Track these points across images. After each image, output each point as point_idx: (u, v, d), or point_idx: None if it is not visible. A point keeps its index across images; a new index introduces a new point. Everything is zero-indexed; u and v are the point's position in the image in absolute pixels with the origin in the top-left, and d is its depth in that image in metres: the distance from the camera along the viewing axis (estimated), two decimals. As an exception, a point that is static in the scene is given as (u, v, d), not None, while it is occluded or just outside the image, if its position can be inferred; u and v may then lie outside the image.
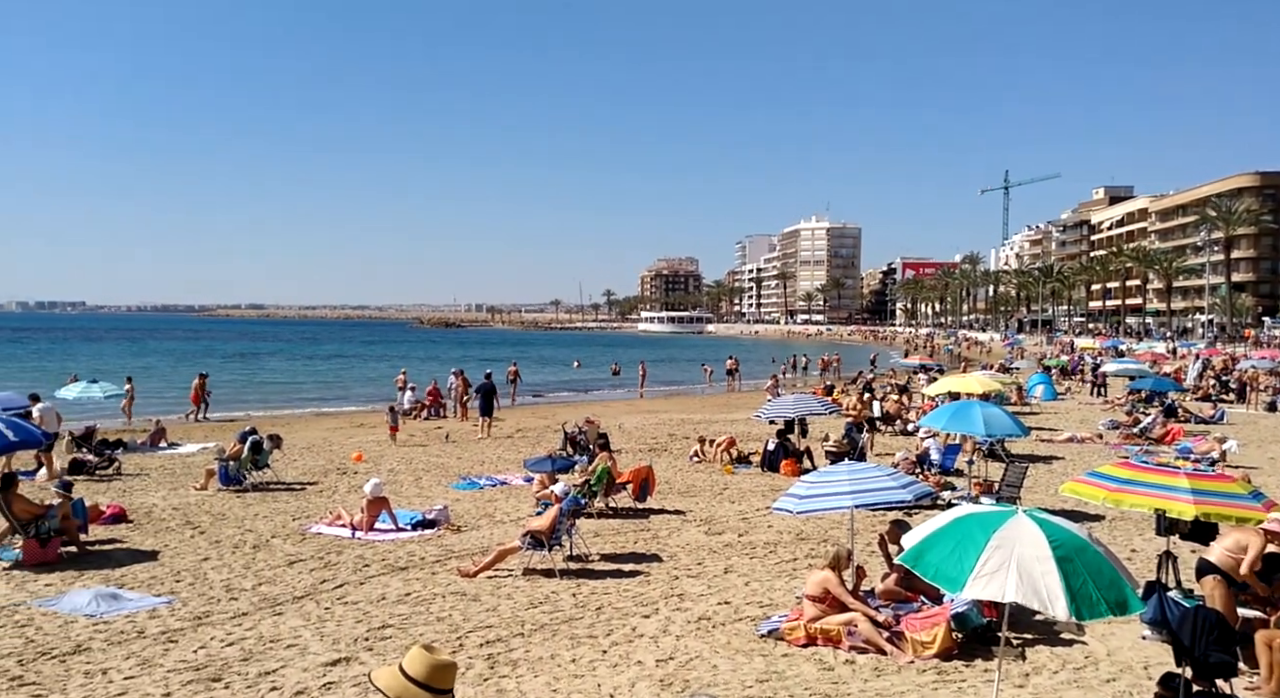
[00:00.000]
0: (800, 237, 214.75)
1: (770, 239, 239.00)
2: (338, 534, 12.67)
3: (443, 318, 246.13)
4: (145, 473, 18.49)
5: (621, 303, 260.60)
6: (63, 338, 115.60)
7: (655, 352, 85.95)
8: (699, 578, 10.57)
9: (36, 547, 11.10)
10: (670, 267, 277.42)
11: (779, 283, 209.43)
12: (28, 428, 12.67)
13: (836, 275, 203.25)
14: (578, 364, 64.59)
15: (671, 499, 15.65)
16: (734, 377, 48.96)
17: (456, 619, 8.95)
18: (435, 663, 3.98)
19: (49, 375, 43.81)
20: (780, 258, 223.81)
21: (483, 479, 17.57)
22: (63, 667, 7.55)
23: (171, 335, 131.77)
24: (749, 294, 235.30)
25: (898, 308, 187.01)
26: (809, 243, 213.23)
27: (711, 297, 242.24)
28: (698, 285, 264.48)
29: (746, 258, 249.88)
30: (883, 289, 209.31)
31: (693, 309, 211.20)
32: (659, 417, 30.80)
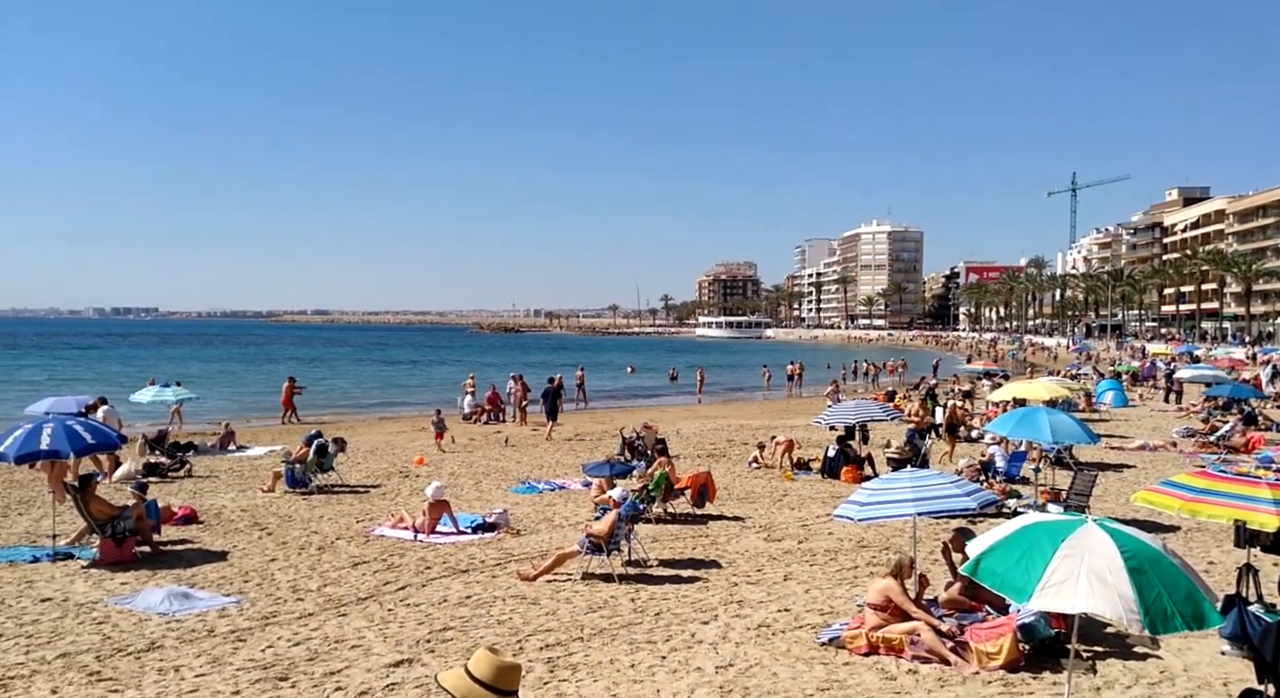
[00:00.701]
0: (861, 240, 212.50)
1: (830, 243, 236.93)
2: (400, 537, 12.85)
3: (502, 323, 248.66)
4: (215, 475, 18.97)
5: (679, 308, 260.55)
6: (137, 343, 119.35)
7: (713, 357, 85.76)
8: (758, 585, 10.49)
9: (112, 546, 11.44)
10: (728, 271, 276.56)
11: (839, 287, 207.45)
12: (104, 430, 13.07)
13: (898, 280, 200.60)
14: (631, 370, 64.72)
15: (730, 505, 15.57)
16: (794, 382, 48.58)
17: (517, 622, 9.00)
18: (500, 665, 4.00)
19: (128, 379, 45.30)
20: (840, 262, 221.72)
21: (541, 484, 17.69)
22: (137, 663, 7.76)
23: (240, 341, 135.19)
24: (808, 299, 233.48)
25: (961, 313, 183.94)
26: (870, 247, 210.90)
27: (770, 301, 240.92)
28: (756, 290, 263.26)
29: (806, 262, 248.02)
30: (945, 293, 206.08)
31: (751, 314, 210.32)
32: (717, 422, 30.69)
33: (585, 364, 50.52)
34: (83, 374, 56.66)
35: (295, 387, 31.72)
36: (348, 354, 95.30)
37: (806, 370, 51.56)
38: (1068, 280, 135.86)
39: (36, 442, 11.75)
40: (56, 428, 12.02)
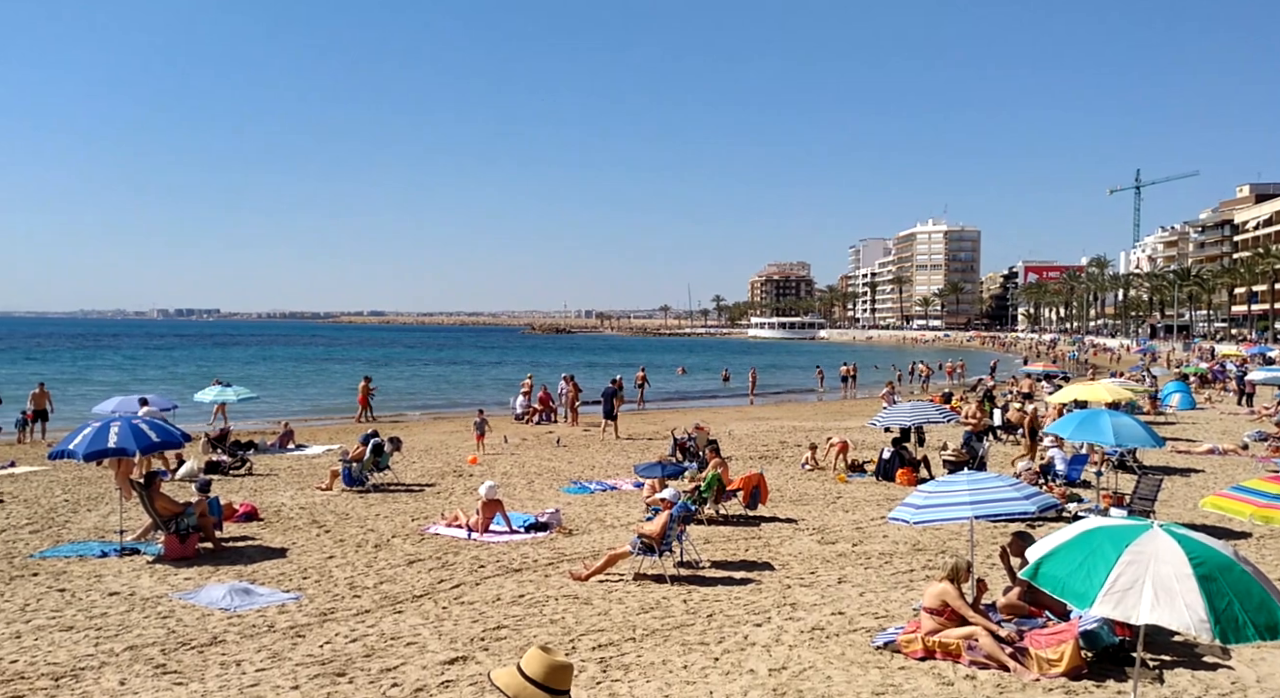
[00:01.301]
0: (916, 240, 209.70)
1: (885, 243, 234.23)
2: (454, 535, 12.98)
3: (553, 324, 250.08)
4: (275, 473, 19.35)
5: (731, 308, 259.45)
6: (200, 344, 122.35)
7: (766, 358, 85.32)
8: (812, 587, 10.39)
9: (176, 542, 11.73)
10: (781, 271, 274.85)
11: (894, 288, 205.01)
12: (169, 429, 13.40)
13: (954, 280, 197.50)
14: (682, 371, 64.61)
15: (783, 507, 15.46)
16: (849, 383, 48.11)
17: (569, 622, 9.03)
18: (553, 664, 4.02)
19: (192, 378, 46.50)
20: (895, 262, 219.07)
21: (593, 484, 17.74)
22: (200, 657, 7.94)
23: (299, 341, 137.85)
24: (863, 299, 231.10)
25: (1019, 313, 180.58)
26: (925, 246, 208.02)
27: (824, 302, 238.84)
28: (809, 290, 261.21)
29: (860, 262, 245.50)
30: (1003, 294, 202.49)
31: (804, 314, 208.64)
32: (770, 424, 30.50)
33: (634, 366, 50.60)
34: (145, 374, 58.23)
35: (370, 387, 32.36)
36: (403, 355, 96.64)
37: (860, 372, 51.01)
38: (1131, 280, 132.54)
39: (104, 440, 12.10)
40: (123, 426, 12.36)
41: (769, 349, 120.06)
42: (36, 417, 25.52)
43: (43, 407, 25.71)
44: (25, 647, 8.15)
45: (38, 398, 25.81)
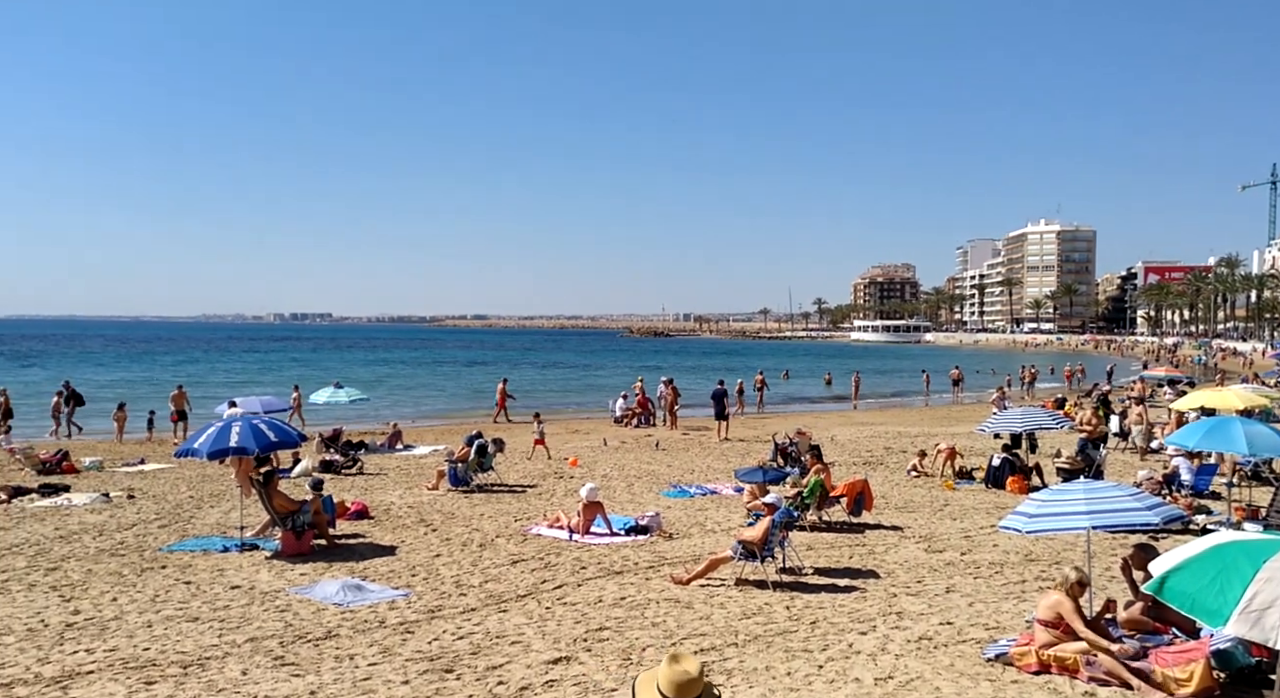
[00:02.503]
0: (1027, 241, 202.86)
1: (994, 244, 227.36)
2: (556, 536, 13.14)
3: (651, 327, 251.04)
4: (384, 472, 19.95)
5: (833, 311, 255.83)
6: (315, 347, 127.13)
7: (869, 362, 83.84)
8: (919, 596, 10.13)
9: (293, 539, 12.20)
10: (885, 273, 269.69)
11: (1003, 290, 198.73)
12: (286, 429, 13.94)
13: (1068, 281, 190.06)
14: (785, 375, 63.92)
15: (888, 514, 15.13)
16: (958, 388, 46.88)
17: (671, 626, 9.02)
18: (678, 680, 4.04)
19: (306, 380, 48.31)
20: (1005, 263, 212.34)
21: (693, 488, 17.70)
22: (316, 650, 8.22)
23: (409, 344, 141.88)
24: (970, 302, 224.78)
25: (1138, 316, 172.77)
26: (1037, 247, 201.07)
27: (929, 304, 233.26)
28: (914, 293, 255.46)
29: (968, 264, 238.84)
30: (1121, 295, 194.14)
31: (909, 317, 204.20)
32: (874, 429, 29.94)
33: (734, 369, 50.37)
34: (261, 377, 60.77)
35: (507, 390, 33.21)
36: (507, 358, 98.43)
37: (966, 376, 49.66)
38: (1266, 281, 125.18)
39: (226, 439, 12.66)
40: (244, 426, 12.91)
41: (872, 353, 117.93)
42: (180, 417, 26.96)
43: (181, 407, 27.14)
44: (156, 636, 8.58)
45: (177, 399, 27.22)
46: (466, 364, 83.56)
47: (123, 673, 7.57)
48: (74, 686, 7.29)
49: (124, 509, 15.29)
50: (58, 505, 15.53)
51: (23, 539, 12.80)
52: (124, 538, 12.99)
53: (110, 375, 59.05)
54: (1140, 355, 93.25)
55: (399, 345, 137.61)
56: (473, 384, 58.36)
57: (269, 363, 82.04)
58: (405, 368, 76.68)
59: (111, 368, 69.25)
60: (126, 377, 58.04)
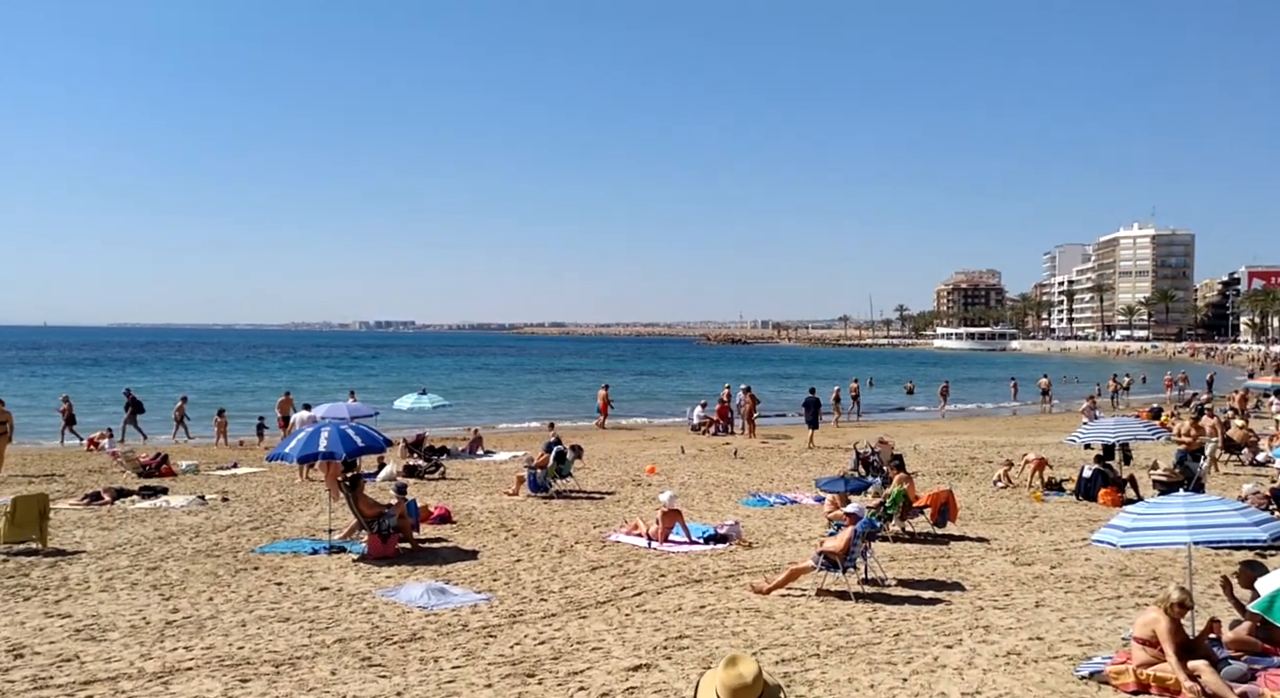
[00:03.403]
0: (1120, 245, 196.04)
1: (1084, 249, 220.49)
2: (635, 543, 13.15)
3: (729, 334, 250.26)
4: (465, 478, 20.27)
5: (915, 318, 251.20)
6: (399, 354, 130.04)
7: (953, 370, 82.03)
8: (1006, 610, 9.85)
9: (378, 542, 12.47)
10: (969, 280, 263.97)
11: (1094, 296, 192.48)
12: (372, 435, 14.27)
13: (1163, 287, 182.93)
14: (870, 383, 63.00)
15: (974, 526, 14.77)
16: (1046, 397, 45.56)
17: (751, 635, 8.95)
18: (733, 685, 4.02)
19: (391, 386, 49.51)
20: (1096, 269, 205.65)
21: (772, 497, 17.55)
22: (401, 652, 8.39)
23: (487, 352, 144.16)
24: (1058, 308, 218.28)
25: (1242, 323, 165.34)
26: (1130, 252, 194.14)
27: (1015, 311, 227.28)
28: (1000, 299, 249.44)
29: (1056, 269, 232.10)
30: (1222, 301, 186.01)
31: (994, 325, 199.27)
32: (958, 438, 29.29)
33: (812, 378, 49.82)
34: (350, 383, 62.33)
35: (610, 395, 34.20)
36: (584, 365, 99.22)
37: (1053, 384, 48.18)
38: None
39: (315, 444, 13.03)
40: (332, 432, 13.26)
41: (956, 361, 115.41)
42: (286, 422, 27.88)
43: (287, 413, 28.05)
44: (249, 635, 8.87)
45: (283, 406, 28.15)
46: (547, 372, 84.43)
47: (219, 670, 7.84)
48: (174, 681, 7.57)
49: (219, 512, 15.85)
50: (157, 507, 16.18)
51: (125, 539, 13.37)
52: (219, 539, 13.46)
53: (210, 382, 61.30)
54: (1244, 364, 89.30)
55: (481, 353, 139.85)
56: (554, 392, 58.95)
57: (356, 369, 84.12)
58: (486, 375, 77.86)
59: (210, 374, 71.94)
60: (224, 383, 60.20)
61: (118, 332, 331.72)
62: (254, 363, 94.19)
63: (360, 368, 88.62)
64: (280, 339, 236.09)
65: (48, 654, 8.21)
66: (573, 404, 48.98)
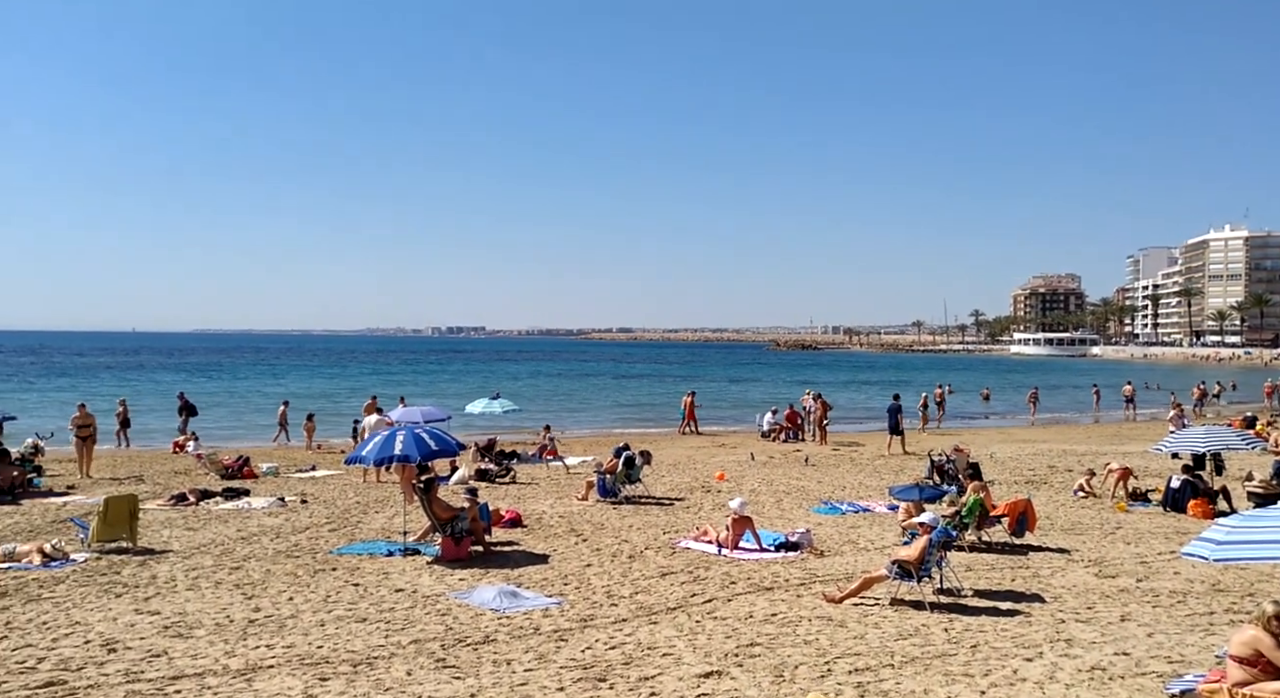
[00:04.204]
0: (1209, 248, 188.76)
1: (1170, 252, 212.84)
2: (704, 550, 13.10)
3: (799, 340, 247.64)
4: (535, 482, 20.44)
5: (991, 324, 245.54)
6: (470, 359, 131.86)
7: (1032, 376, 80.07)
8: (1089, 624, 9.55)
9: (451, 544, 12.65)
10: (1047, 284, 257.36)
11: (1180, 301, 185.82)
12: (446, 438, 14.49)
13: (1258, 291, 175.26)
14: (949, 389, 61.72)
15: (1053, 536, 14.36)
16: (1130, 404, 44.12)
17: (824, 644, 8.83)
18: None
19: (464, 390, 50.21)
20: (1183, 272, 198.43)
21: (844, 504, 17.32)
22: (475, 654, 8.48)
23: (557, 357, 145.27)
24: (1142, 313, 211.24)
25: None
26: (1220, 255, 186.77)
27: (1096, 316, 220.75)
28: (1079, 304, 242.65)
29: (1140, 273, 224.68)
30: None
31: (1073, 330, 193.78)
32: (1036, 446, 28.55)
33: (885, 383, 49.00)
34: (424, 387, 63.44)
35: (695, 401, 34.20)
36: (652, 371, 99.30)
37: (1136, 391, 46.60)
38: None
39: (391, 448, 13.28)
40: (407, 436, 13.50)
41: (1034, 367, 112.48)
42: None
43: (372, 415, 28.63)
44: (328, 635, 9.06)
45: (369, 408, 28.75)
46: (616, 377, 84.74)
47: (299, 669, 8.03)
48: (257, 678, 7.78)
49: (298, 513, 16.25)
50: (239, 508, 16.67)
51: (209, 539, 13.80)
52: (298, 541, 13.80)
53: (295, 386, 62.87)
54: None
55: (550, 358, 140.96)
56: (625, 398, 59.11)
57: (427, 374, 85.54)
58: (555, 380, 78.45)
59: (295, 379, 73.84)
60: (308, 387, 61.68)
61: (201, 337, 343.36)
62: (336, 368, 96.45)
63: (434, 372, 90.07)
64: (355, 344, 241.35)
65: (139, 650, 8.51)
66: (641, 410, 49.06)
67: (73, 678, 7.72)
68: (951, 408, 48.35)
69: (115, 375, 74.97)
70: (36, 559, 11.93)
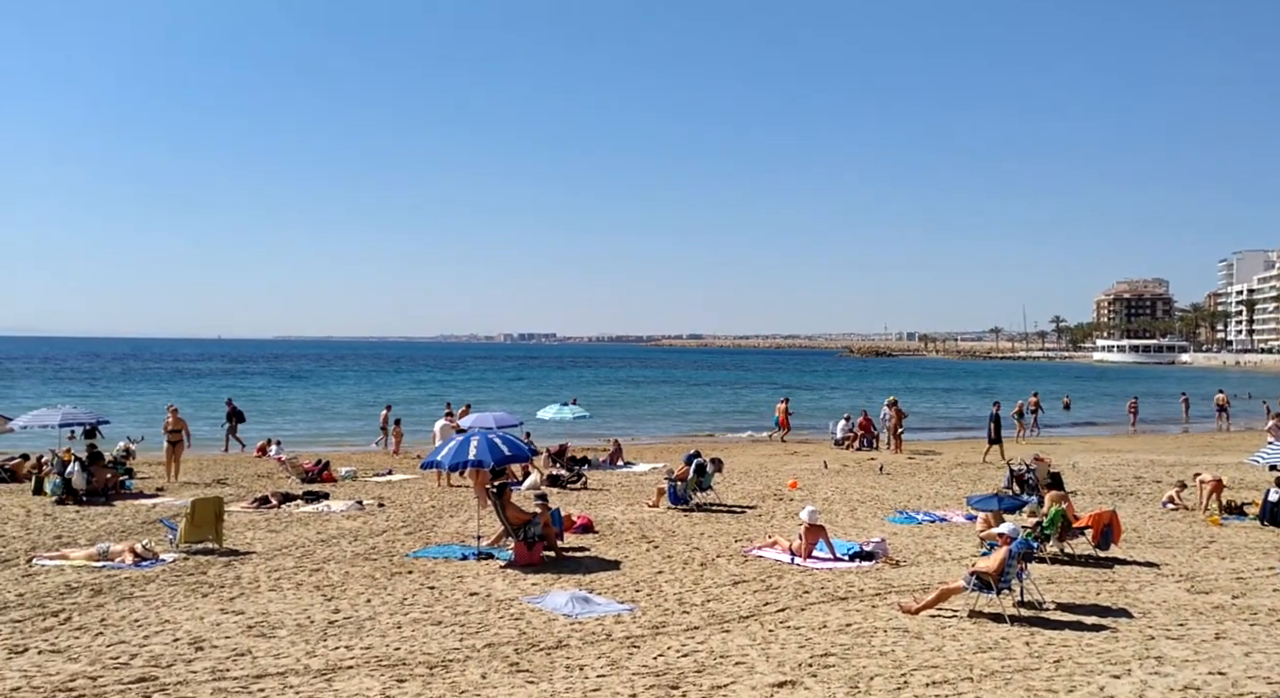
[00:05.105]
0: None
1: (1268, 255, 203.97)
2: (777, 559, 12.97)
3: (873, 347, 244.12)
4: (606, 488, 20.50)
5: (1072, 330, 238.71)
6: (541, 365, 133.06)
7: (1117, 384, 77.68)
8: (1181, 641, 9.18)
9: (524, 549, 12.75)
10: (1132, 289, 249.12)
11: (1278, 306, 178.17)
12: (519, 444, 14.63)
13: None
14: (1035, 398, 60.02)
15: (1140, 549, 13.87)
16: (1223, 414, 42.40)
17: (900, 655, 8.66)
18: None
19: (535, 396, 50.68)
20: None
21: (920, 514, 16.99)
22: (548, 659, 8.53)
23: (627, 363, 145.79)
24: (1235, 319, 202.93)
25: None
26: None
27: (1186, 322, 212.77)
28: (1167, 310, 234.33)
29: (1234, 277, 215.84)
30: None
31: (1160, 336, 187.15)
32: (1121, 456, 27.63)
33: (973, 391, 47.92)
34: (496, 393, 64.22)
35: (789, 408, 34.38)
36: (723, 378, 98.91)
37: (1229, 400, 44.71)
38: None
39: (465, 453, 13.45)
40: (481, 441, 13.67)
41: (1120, 374, 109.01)
42: (459, 431, 28.93)
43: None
44: (405, 637, 9.21)
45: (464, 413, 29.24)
46: (687, 384, 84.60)
47: (377, 670, 8.17)
48: (337, 679, 7.94)
49: (375, 517, 16.58)
50: (319, 511, 17.07)
51: (290, 542, 14.15)
52: (375, 543, 14.07)
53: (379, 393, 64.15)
54: None
55: (621, 364, 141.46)
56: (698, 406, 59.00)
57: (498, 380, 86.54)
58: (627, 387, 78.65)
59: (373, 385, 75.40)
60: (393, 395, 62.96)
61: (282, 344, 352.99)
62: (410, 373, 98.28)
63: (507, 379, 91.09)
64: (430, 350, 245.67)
65: (224, 648, 8.76)
66: (713, 417, 48.92)
67: (163, 674, 7.99)
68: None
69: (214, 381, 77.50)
70: (129, 559, 12.40)
